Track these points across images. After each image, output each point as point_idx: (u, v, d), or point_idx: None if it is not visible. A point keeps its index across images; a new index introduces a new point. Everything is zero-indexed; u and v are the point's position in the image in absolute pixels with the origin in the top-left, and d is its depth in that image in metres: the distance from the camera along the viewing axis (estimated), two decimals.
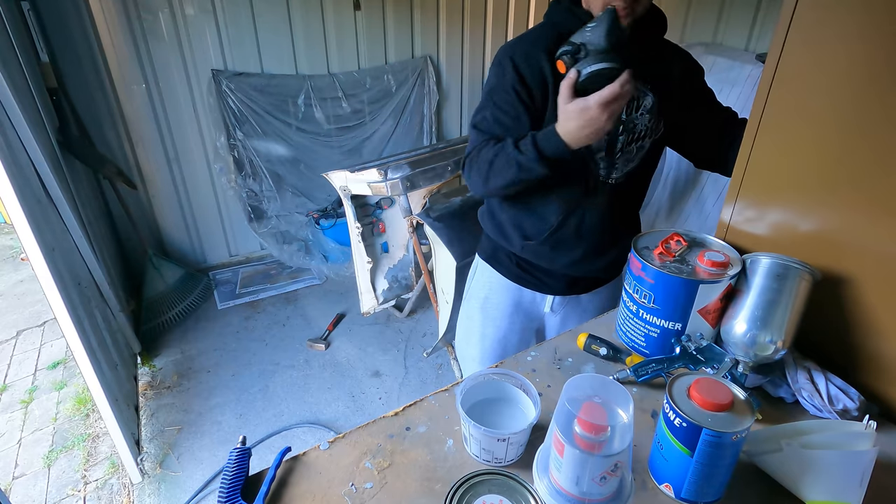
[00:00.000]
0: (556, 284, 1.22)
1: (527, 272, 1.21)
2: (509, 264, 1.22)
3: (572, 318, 1.28)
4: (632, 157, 1.09)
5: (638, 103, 1.05)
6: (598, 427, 0.63)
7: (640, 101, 1.05)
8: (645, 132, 1.08)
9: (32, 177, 1.76)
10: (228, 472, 0.73)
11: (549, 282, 1.22)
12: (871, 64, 0.79)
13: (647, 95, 1.05)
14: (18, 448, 2.05)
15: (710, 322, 0.92)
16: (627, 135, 1.07)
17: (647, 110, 1.06)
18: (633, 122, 1.06)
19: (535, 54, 1.02)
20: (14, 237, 3.68)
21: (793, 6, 0.86)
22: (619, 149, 1.07)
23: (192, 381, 2.34)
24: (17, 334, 2.74)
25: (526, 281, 1.23)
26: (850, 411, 0.82)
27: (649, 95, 1.05)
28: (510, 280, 1.24)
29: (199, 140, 2.92)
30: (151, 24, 2.58)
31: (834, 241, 0.88)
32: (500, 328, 1.29)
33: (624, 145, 1.07)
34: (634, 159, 1.10)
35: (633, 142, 1.07)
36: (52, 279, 1.50)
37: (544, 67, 1.01)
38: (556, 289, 1.22)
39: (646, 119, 1.06)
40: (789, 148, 0.92)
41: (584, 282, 1.23)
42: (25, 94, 1.91)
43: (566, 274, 1.20)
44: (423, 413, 0.87)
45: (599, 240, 1.16)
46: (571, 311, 1.28)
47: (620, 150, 1.07)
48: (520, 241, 1.16)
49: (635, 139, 1.07)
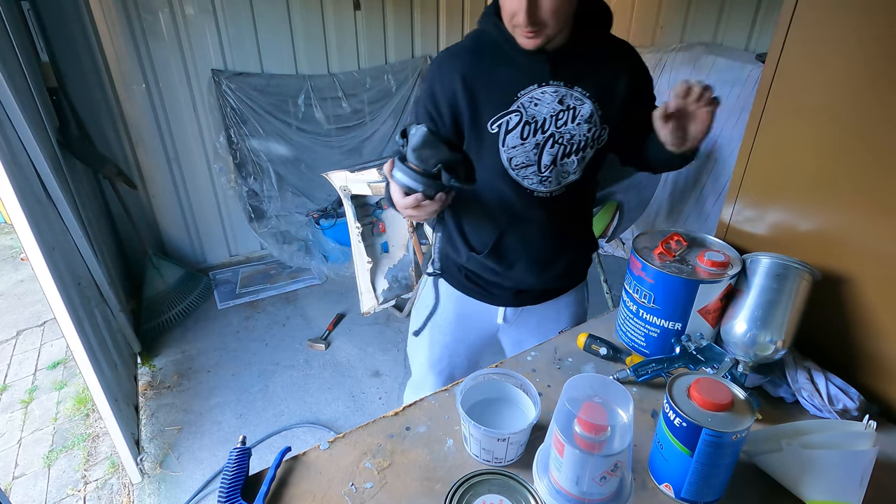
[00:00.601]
0: (505, 295, 1.17)
1: (475, 283, 1.18)
2: (458, 275, 1.19)
3: (529, 328, 1.23)
4: (570, 169, 1.03)
5: (574, 113, 0.98)
6: (598, 427, 0.63)
7: (575, 112, 0.98)
8: (584, 143, 1.00)
9: (32, 177, 1.76)
10: (228, 472, 0.73)
11: (497, 293, 1.17)
12: (871, 64, 0.79)
13: (583, 104, 0.98)
14: (18, 448, 2.04)
15: (710, 322, 0.92)
16: (561, 148, 1.00)
17: (586, 119, 0.99)
18: (570, 133, 0.99)
19: (451, 74, 0.99)
20: (14, 237, 3.68)
21: (793, 6, 0.86)
22: (550, 164, 1.01)
23: (192, 381, 2.34)
24: (17, 334, 2.74)
25: (474, 292, 1.19)
26: (850, 411, 0.82)
27: (587, 104, 0.98)
28: (459, 291, 1.20)
29: (199, 140, 2.92)
30: (151, 23, 2.58)
31: (834, 241, 0.88)
32: (448, 338, 1.26)
33: (557, 159, 1.01)
34: (575, 171, 1.04)
35: (569, 154, 1.01)
36: (51, 279, 1.50)
37: (457, 91, 0.98)
38: (505, 300, 1.18)
39: (584, 129, 0.99)
40: (789, 148, 0.92)
41: (535, 293, 1.18)
42: (25, 94, 1.91)
43: (513, 286, 1.16)
44: (423, 413, 0.87)
45: (544, 251, 1.11)
46: (527, 322, 1.23)
47: (553, 165, 1.01)
48: (466, 253, 1.12)
49: (573, 151, 1.01)
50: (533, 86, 0.97)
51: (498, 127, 0.99)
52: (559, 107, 0.98)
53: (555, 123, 0.98)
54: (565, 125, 0.99)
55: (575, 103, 0.98)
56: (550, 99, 0.97)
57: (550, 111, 0.98)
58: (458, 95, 0.99)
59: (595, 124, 1.00)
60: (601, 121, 1.00)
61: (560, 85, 0.97)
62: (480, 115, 1.00)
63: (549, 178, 1.03)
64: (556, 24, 0.88)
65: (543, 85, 0.97)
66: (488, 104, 0.99)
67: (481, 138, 1.01)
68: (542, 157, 1.01)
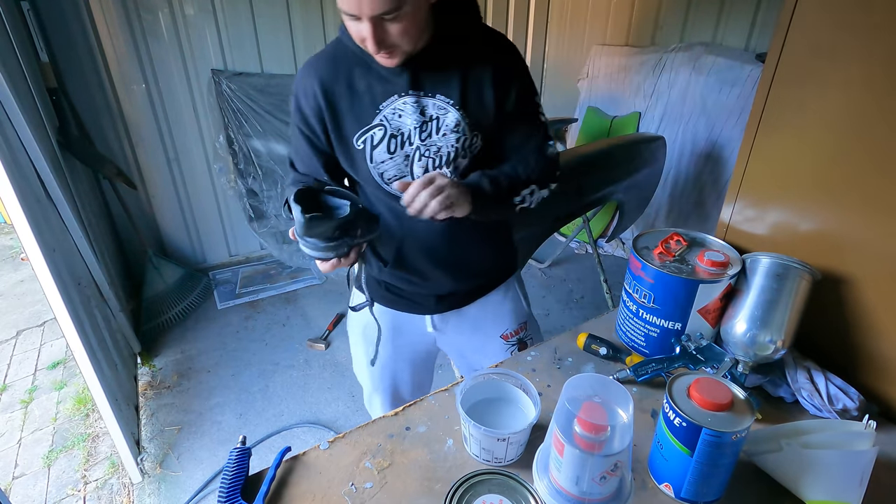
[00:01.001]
0: (427, 302, 1.13)
1: (397, 295, 1.14)
2: (378, 288, 1.15)
3: (464, 333, 1.19)
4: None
5: (438, 124, 0.91)
6: (598, 427, 0.63)
7: (440, 122, 0.91)
8: (454, 154, 0.93)
9: (32, 177, 1.76)
10: (228, 471, 0.73)
11: (420, 301, 1.13)
12: (871, 64, 0.79)
13: (447, 113, 0.91)
14: (18, 448, 2.04)
15: (710, 322, 0.92)
16: (430, 160, 0.94)
17: (452, 129, 0.91)
18: (436, 145, 0.92)
19: (312, 86, 0.94)
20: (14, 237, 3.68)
21: (793, 6, 0.86)
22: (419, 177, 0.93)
23: (192, 381, 2.34)
24: (17, 334, 2.74)
25: (399, 303, 1.15)
26: (849, 411, 0.82)
27: (451, 112, 0.91)
28: (382, 305, 1.16)
29: (199, 140, 2.92)
30: (151, 23, 2.58)
31: (833, 241, 0.88)
32: (385, 352, 1.22)
33: (426, 172, 0.94)
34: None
35: (440, 167, 0.94)
36: (52, 279, 1.50)
37: (319, 103, 0.94)
38: (428, 307, 1.14)
39: (451, 140, 0.92)
40: (789, 148, 0.92)
41: (455, 296, 1.13)
42: (25, 94, 1.91)
43: (431, 292, 1.11)
44: (423, 413, 0.87)
45: (450, 255, 1.06)
46: (460, 327, 1.18)
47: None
48: (377, 265, 1.08)
49: (443, 163, 0.94)
50: (393, 97, 0.92)
51: (363, 143, 0.94)
52: (422, 118, 0.92)
53: (419, 136, 0.92)
54: (430, 137, 0.92)
55: (438, 113, 0.91)
56: (412, 110, 0.91)
57: (414, 122, 0.92)
58: (322, 107, 0.94)
59: (463, 133, 0.92)
60: (470, 129, 0.93)
61: (420, 94, 0.91)
62: (344, 130, 0.95)
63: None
64: (411, 42, 0.84)
65: (404, 95, 0.91)
66: (350, 118, 0.94)
67: (350, 153, 0.97)
68: (414, 169, 0.95)
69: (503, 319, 1.18)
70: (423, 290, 1.11)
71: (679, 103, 2.86)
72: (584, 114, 3.43)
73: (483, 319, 1.18)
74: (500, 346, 1.18)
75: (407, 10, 0.78)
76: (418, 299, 1.13)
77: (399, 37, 0.81)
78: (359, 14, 0.77)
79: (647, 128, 3.03)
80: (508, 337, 1.18)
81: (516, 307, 1.20)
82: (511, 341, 1.18)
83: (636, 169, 2.34)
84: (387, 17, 0.78)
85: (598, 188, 2.19)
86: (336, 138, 0.97)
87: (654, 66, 2.97)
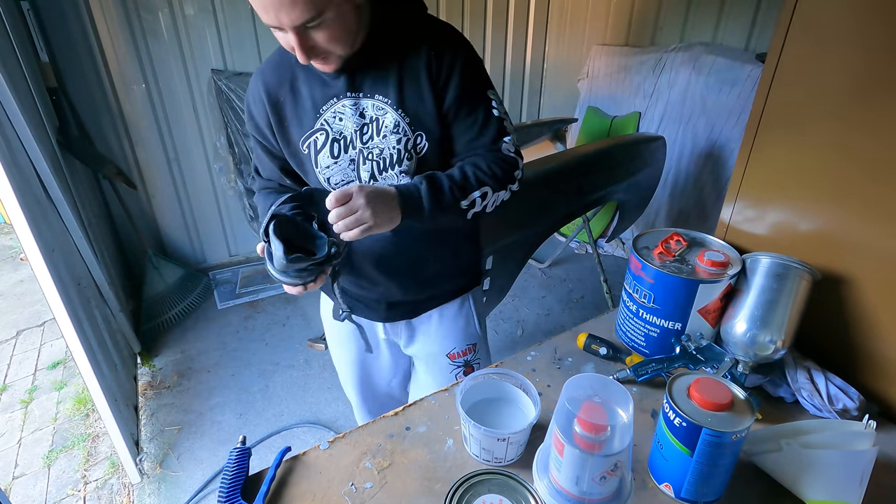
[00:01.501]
0: (378, 309, 1.10)
1: (350, 297, 1.11)
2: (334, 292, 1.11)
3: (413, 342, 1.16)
4: (396, 182, 0.92)
5: (378, 126, 0.88)
6: (598, 427, 0.63)
7: (379, 123, 0.88)
8: (398, 156, 0.89)
9: (32, 177, 1.76)
10: (228, 472, 0.73)
11: (371, 306, 1.10)
12: (871, 63, 0.79)
13: (385, 114, 0.88)
14: (18, 448, 2.04)
15: (710, 322, 0.92)
16: (374, 164, 0.91)
17: (392, 131, 0.88)
18: (378, 147, 0.90)
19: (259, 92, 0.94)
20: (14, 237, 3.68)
21: (793, 6, 0.86)
22: (369, 180, 0.92)
23: (192, 381, 2.34)
24: (17, 334, 2.74)
25: (352, 307, 1.11)
26: (849, 411, 0.82)
27: (389, 113, 0.88)
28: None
29: (199, 140, 2.92)
30: (151, 23, 2.58)
31: (834, 241, 0.88)
32: (349, 354, 1.22)
33: (376, 174, 0.92)
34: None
35: (385, 169, 0.91)
36: (51, 279, 1.50)
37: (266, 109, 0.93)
38: (379, 314, 1.11)
39: (392, 142, 0.88)
40: (789, 148, 0.92)
41: (405, 306, 1.09)
42: (25, 94, 1.91)
43: (381, 298, 1.08)
44: (423, 413, 0.87)
45: (397, 263, 1.02)
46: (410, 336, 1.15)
47: (373, 181, 0.92)
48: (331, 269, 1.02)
49: (388, 166, 0.90)
50: (332, 100, 0.89)
51: (307, 147, 0.93)
52: (361, 120, 0.89)
53: (360, 139, 0.90)
54: (371, 140, 0.89)
55: (377, 114, 0.88)
56: (351, 112, 0.89)
57: (355, 125, 0.89)
58: (268, 113, 0.93)
59: (404, 133, 0.88)
60: (411, 129, 0.89)
61: (359, 96, 0.89)
62: (290, 135, 0.94)
63: None
64: (343, 47, 0.81)
65: (343, 98, 0.89)
66: (295, 122, 0.93)
67: (299, 158, 0.95)
68: (360, 173, 0.92)
69: (453, 337, 1.14)
70: (372, 294, 1.08)
71: (679, 103, 2.86)
72: (584, 114, 3.43)
73: (433, 334, 1.14)
74: (446, 366, 1.15)
75: (330, 16, 0.76)
76: (370, 304, 1.10)
77: (328, 43, 0.79)
78: (279, 25, 0.75)
79: (647, 128, 3.03)
80: (455, 357, 1.14)
81: (468, 327, 1.16)
82: (457, 362, 1.14)
83: (636, 169, 2.34)
84: (310, 24, 0.76)
85: (598, 188, 2.19)
86: (284, 144, 0.96)
87: (654, 66, 2.97)
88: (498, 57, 3.64)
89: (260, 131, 0.97)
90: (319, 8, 0.74)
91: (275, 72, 0.93)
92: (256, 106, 0.95)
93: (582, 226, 2.72)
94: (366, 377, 1.27)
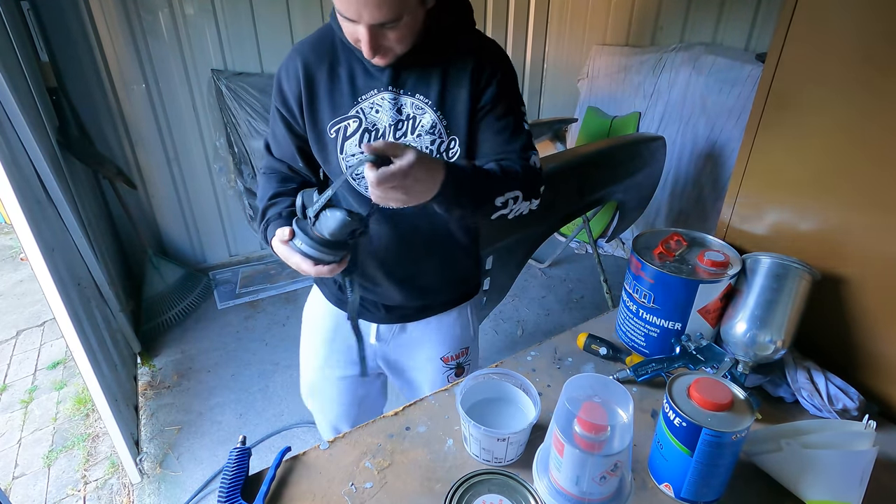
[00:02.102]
0: (375, 311, 1.09)
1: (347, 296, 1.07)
2: (332, 286, 1.12)
3: (406, 345, 1.14)
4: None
5: (414, 124, 0.89)
6: (598, 427, 0.63)
7: (415, 122, 0.89)
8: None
9: (32, 177, 1.76)
10: (228, 471, 0.73)
11: (368, 307, 1.08)
12: (870, 63, 0.79)
13: (424, 113, 0.88)
14: (18, 448, 2.04)
15: (709, 322, 0.92)
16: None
17: (427, 131, 0.88)
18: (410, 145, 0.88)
19: (295, 67, 0.92)
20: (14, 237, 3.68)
21: (793, 6, 0.86)
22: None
23: (192, 381, 2.34)
24: (17, 334, 2.74)
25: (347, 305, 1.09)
26: (849, 411, 0.82)
27: (428, 113, 0.88)
28: (332, 303, 1.13)
29: (199, 140, 2.92)
30: (151, 23, 2.58)
31: (834, 241, 0.88)
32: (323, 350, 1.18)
33: None
34: None
35: None
36: (51, 279, 1.50)
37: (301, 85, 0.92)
38: (376, 316, 1.09)
39: (426, 141, 0.89)
40: (789, 148, 0.93)
41: (405, 310, 1.09)
42: (25, 94, 1.91)
43: (380, 300, 1.07)
44: (423, 413, 0.87)
45: (400, 266, 1.01)
46: (404, 340, 1.14)
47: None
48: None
49: None
50: (373, 91, 0.90)
51: (336, 132, 0.92)
52: (398, 116, 0.89)
53: (394, 134, 0.90)
54: (405, 136, 0.90)
55: (415, 112, 0.89)
56: (389, 107, 0.89)
57: (390, 120, 0.90)
58: (302, 89, 0.92)
59: (439, 136, 0.89)
60: (447, 132, 0.89)
61: (400, 92, 0.89)
62: (320, 116, 0.93)
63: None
64: (406, 46, 0.83)
65: (383, 91, 0.89)
66: (327, 104, 0.92)
67: (322, 142, 0.94)
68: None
69: (448, 342, 1.15)
70: (371, 296, 1.07)
71: (679, 103, 2.86)
72: (584, 114, 3.43)
73: (428, 339, 1.14)
74: (439, 368, 1.15)
75: (406, 20, 0.78)
76: (367, 306, 1.09)
77: (395, 42, 0.81)
78: (358, 20, 0.76)
79: (647, 128, 3.03)
80: (449, 360, 1.15)
81: (464, 333, 1.16)
82: (450, 364, 1.15)
83: (636, 169, 2.34)
84: (387, 25, 0.77)
85: (598, 188, 2.19)
86: (311, 123, 0.94)
87: (654, 66, 2.97)
88: None
89: (287, 105, 0.96)
90: (400, 12, 0.75)
91: (315, 51, 0.93)
92: (290, 80, 0.94)
93: (582, 226, 2.72)
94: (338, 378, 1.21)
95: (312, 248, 0.79)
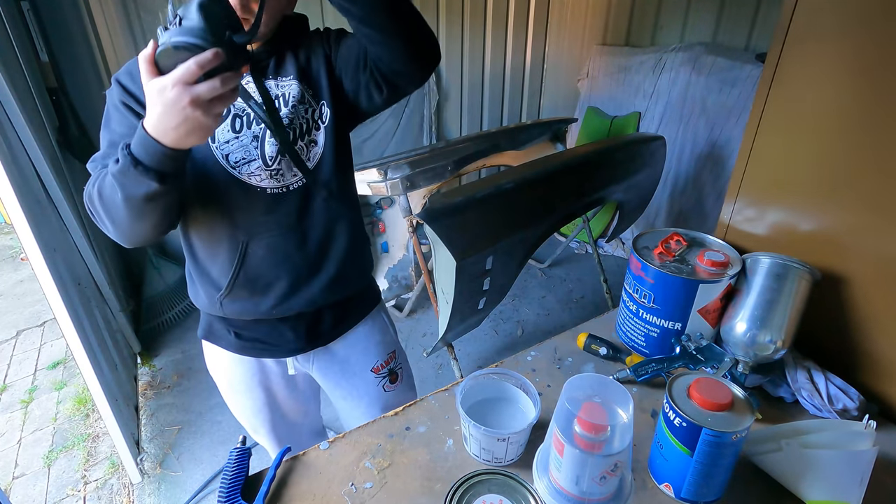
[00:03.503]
0: (283, 340, 1.03)
1: (245, 339, 1.03)
2: (226, 335, 1.04)
3: (331, 370, 1.11)
4: (302, 157, 0.92)
5: (286, 98, 0.92)
6: (598, 427, 0.63)
7: (286, 97, 0.92)
8: (307, 125, 0.92)
9: (32, 177, 1.76)
10: (228, 471, 0.73)
11: (273, 341, 1.03)
12: (870, 63, 0.79)
13: (291, 86, 0.92)
14: (18, 448, 2.04)
15: (710, 322, 0.92)
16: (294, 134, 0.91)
17: (298, 101, 0.92)
18: (287, 118, 0.91)
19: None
20: (14, 237, 3.68)
21: (793, 6, 0.86)
22: (275, 155, 0.90)
23: (192, 381, 2.34)
24: (17, 334, 2.74)
25: (249, 349, 1.04)
26: (849, 411, 0.82)
27: (294, 84, 0.92)
28: (233, 353, 1.05)
29: None
30: (151, 24, 2.58)
31: (834, 241, 0.88)
32: (253, 402, 1.12)
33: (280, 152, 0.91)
34: (311, 159, 0.93)
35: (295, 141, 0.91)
36: (51, 279, 1.50)
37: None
38: (287, 346, 1.03)
39: (301, 111, 0.92)
40: (789, 148, 0.92)
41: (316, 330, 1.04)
42: (25, 94, 1.91)
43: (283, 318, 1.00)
44: (423, 413, 0.87)
45: (300, 261, 0.96)
46: (327, 364, 1.10)
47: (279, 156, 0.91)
48: (215, 296, 0.96)
49: (299, 137, 0.92)
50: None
51: None
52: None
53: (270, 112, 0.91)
54: (281, 110, 0.91)
55: (282, 90, 0.92)
56: (255, 89, 0.89)
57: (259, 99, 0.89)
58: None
59: (309, 104, 0.93)
60: (314, 99, 0.93)
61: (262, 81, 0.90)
62: None
63: (279, 171, 0.91)
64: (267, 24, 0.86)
65: (247, 75, 0.90)
66: None
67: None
68: (265, 148, 0.91)
69: (371, 352, 1.13)
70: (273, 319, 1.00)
71: (679, 103, 2.86)
72: (584, 114, 3.43)
73: (351, 357, 1.11)
74: (372, 381, 1.14)
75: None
76: (273, 339, 1.03)
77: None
78: None
79: (647, 128, 3.04)
80: (379, 369, 1.14)
81: (384, 338, 1.15)
82: (382, 373, 1.14)
83: (636, 169, 2.34)
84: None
85: (598, 188, 2.19)
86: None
87: (654, 66, 2.97)
88: (498, 57, 3.64)
89: (136, 98, 0.88)
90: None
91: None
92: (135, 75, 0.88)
93: (582, 226, 2.73)
94: (278, 418, 1.17)
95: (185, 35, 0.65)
